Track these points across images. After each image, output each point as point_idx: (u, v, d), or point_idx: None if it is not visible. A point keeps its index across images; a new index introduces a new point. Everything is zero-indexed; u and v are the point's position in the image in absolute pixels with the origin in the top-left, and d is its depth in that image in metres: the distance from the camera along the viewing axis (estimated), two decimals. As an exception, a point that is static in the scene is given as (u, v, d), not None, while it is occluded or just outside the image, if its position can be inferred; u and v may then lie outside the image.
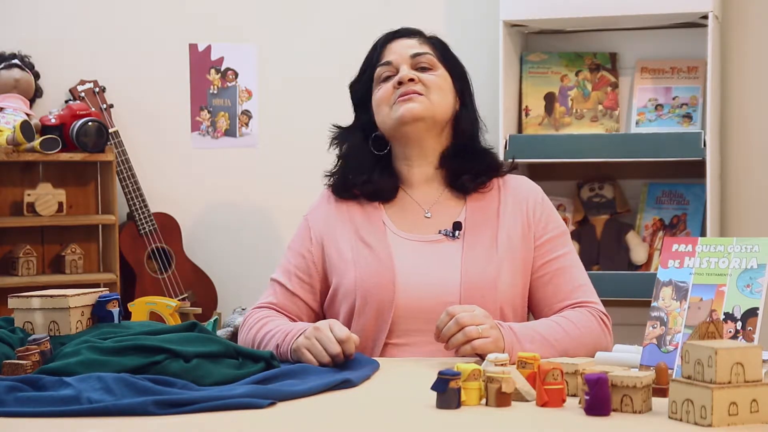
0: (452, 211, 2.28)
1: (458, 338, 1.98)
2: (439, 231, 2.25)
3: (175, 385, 1.72)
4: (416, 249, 2.23)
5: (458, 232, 2.24)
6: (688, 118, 3.76)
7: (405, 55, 2.28)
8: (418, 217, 2.28)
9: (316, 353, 1.98)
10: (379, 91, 2.29)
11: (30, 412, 1.60)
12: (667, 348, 1.75)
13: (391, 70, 2.28)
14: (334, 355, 1.96)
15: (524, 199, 2.28)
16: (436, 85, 2.26)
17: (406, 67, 2.27)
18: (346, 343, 1.97)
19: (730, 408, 1.45)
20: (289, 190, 4.19)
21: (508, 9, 3.71)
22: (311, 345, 1.99)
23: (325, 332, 1.99)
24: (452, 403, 1.63)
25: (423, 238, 2.25)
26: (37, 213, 3.86)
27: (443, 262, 2.20)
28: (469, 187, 2.28)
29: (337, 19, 4.20)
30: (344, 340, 1.97)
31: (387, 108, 2.27)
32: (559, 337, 2.12)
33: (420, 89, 2.24)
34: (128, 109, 4.14)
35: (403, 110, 2.24)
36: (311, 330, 2.02)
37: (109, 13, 4.16)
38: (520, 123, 3.89)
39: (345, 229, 2.28)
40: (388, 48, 2.31)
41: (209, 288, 4.16)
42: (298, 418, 1.62)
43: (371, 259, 2.21)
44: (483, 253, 2.20)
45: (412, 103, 2.23)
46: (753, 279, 1.72)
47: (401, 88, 2.25)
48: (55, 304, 1.98)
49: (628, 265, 3.78)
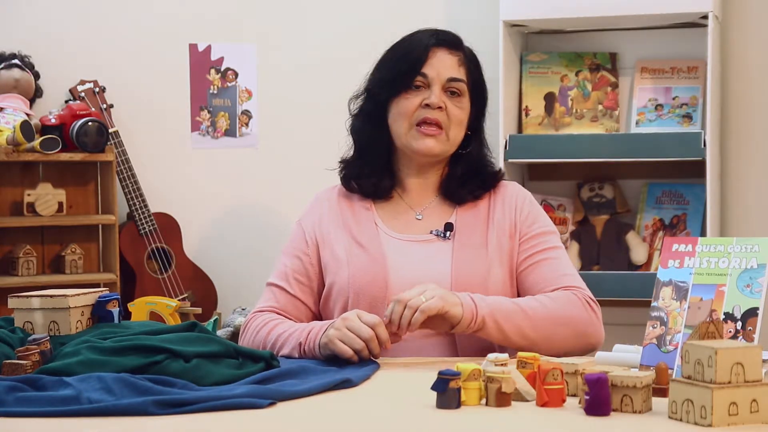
0: (443, 215, 2.32)
1: (406, 314, 2.02)
2: (430, 231, 2.28)
3: (175, 385, 1.72)
4: (408, 248, 2.27)
5: (449, 233, 2.27)
6: (688, 118, 3.76)
7: (443, 75, 2.27)
8: (409, 219, 2.32)
9: (349, 341, 2.00)
10: (406, 101, 2.28)
11: (30, 412, 1.60)
12: (667, 348, 1.75)
13: (423, 82, 2.27)
14: (367, 339, 1.99)
15: (513, 200, 2.32)
16: (458, 119, 2.28)
17: (438, 89, 2.26)
18: (378, 327, 2.00)
19: (730, 408, 1.45)
20: (289, 190, 4.19)
21: (508, 9, 3.71)
22: (343, 335, 2.01)
23: (354, 321, 2.02)
24: (452, 403, 1.63)
25: (414, 238, 2.28)
26: (37, 213, 3.86)
27: (434, 260, 2.24)
28: (466, 199, 2.32)
29: (337, 19, 4.20)
30: (376, 324, 2.01)
31: (406, 124, 2.27)
32: (535, 307, 2.12)
33: (443, 120, 2.26)
34: (128, 109, 4.14)
35: (420, 145, 2.27)
36: (339, 321, 2.04)
37: (109, 13, 4.16)
38: (520, 123, 3.89)
39: (338, 232, 2.30)
40: (431, 56, 2.28)
41: (209, 288, 4.16)
42: (298, 418, 1.62)
43: (364, 258, 2.24)
44: (473, 253, 2.23)
45: (432, 141, 2.26)
46: (753, 279, 1.72)
47: (426, 111, 2.26)
48: (55, 304, 1.97)
49: (628, 265, 3.78)
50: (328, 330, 2.05)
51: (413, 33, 2.34)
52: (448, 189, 2.33)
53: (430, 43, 2.29)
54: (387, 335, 2.01)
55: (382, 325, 2.02)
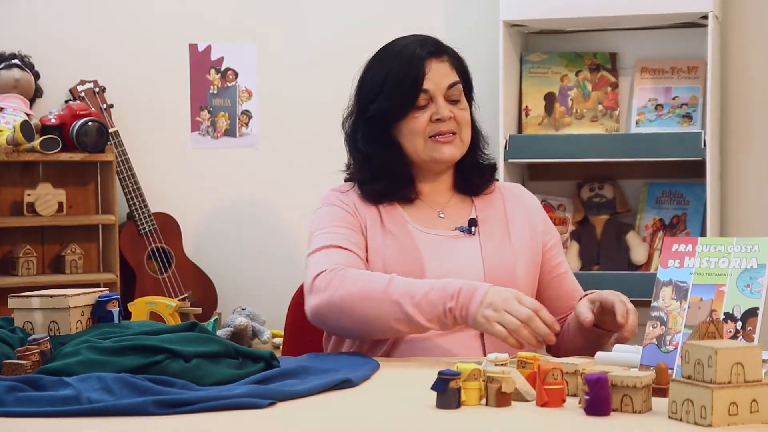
0: (463, 211, 2.36)
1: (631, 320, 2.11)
2: (455, 228, 2.32)
3: (175, 385, 1.72)
4: (438, 242, 2.29)
5: (474, 228, 2.32)
6: (688, 118, 3.76)
7: (441, 85, 2.30)
8: (432, 217, 2.35)
9: (509, 324, 1.99)
10: (416, 121, 2.29)
11: (30, 412, 1.60)
12: (667, 348, 1.75)
13: (426, 99, 2.29)
14: (527, 321, 1.98)
15: (528, 206, 2.41)
16: (466, 121, 2.33)
17: (442, 101, 2.29)
18: (541, 312, 2.00)
19: (730, 408, 1.45)
20: (289, 190, 4.20)
21: (508, 9, 3.71)
22: (501, 318, 2.00)
23: (513, 304, 2.00)
24: (452, 403, 1.63)
25: (442, 233, 2.31)
26: (37, 213, 3.86)
27: (465, 254, 2.28)
28: (480, 185, 2.37)
29: (337, 19, 4.20)
30: (537, 309, 2.00)
31: (422, 141, 2.30)
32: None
33: (455, 128, 2.30)
34: (128, 109, 4.14)
35: (441, 154, 2.30)
36: (499, 301, 2.01)
37: (109, 13, 4.16)
38: (520, 123, 3.89)
39: (371, 219, 2.30)
40: (426, 71, 2.29)
41: (209, 288, 4.16)
42: (298, 418, 1.62)
43: (397, 249, 2.26)
44: (499, 246, 2.30)
45: (452, 148, 2.30)
46: (753, 279, 1.72)
47: (439, 125, 2.29)
48: (55, 304, 1.97)
49: (628, 265, 3.78)
50: (484, 309, 2.02)
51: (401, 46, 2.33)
52: (462, 182, 2.38)
53: (422, 56, 2.29)
54: (551, 319, 2.00)
55: (544, 310, 2.00)
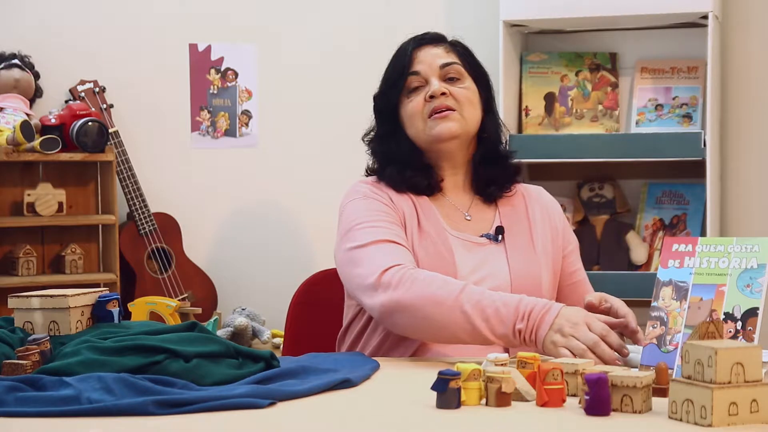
0: (487, 216, 2.31)
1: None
2: (481, 235, 2.27)
3: (175, 385, 1.72)
4: (468, 248, 2.25)
5: (500, 236, 2.27)
6: (688, 118, 3.76)
7: (434, 65, 2.27)
8: (459, 218, 2.30)
9: (575, 349, 1.90)
10: (411, 103, 2.28)
11: (30, 412, 1.60)
12: (667, 348, 1.75)
13: (420, 81, 2.27)
14: (593, 347, 1.89)
15: (551, 210, 2.36)
16: (467, 99, 2.27)
17: (435, 79, 2.26)
18: (609, 337, 1.91)
19: (730, 408, 1.45)
20: (289, 190, 4.19)
21: (508, 9, 3.72)
22: (568, 343, 1.91)
23: (581, 330, 1.92)
24: (452, 403, 1.63)
25: (470, 239, 2.27)
26: (37, 213, 3.86)
27: (492, 263, 2.23)
28: (498, 195, 2.32)
29: (337, 19, 4.21)
30: (605, 335, 1.91)
31: (421, 122, 2.26)
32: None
33: (452, 104, 2.25)
34: (128, 109, 4.14)
35: (440, 129, 2.25)
36: (567, 327, 1.94)
37: (109, 13, 4.16)
38: (520, 123, 3.89)
39: (408, 213, 2.25)
40: (416, 56, 2.29)
41: (209, 288, 4.16)
42: (298, 418, 1.62)
43: (433, 250, 2.20)
44: (525, 255, 2.25)
45: (449, 122, 2.25)
46: (753, 279, 1.72)
47: (433, 102, 2.25)
48: (55, 304, 1.97)
49: (628, 265, 3.78)
50: (553, 335, 1.94)
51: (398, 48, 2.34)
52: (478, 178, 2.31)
53: (412, 47, 2.30)
54: (618, 343, 1.90)
55: (612, 335, 1.91)
